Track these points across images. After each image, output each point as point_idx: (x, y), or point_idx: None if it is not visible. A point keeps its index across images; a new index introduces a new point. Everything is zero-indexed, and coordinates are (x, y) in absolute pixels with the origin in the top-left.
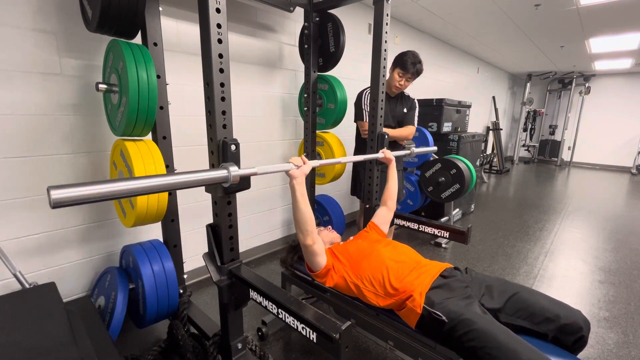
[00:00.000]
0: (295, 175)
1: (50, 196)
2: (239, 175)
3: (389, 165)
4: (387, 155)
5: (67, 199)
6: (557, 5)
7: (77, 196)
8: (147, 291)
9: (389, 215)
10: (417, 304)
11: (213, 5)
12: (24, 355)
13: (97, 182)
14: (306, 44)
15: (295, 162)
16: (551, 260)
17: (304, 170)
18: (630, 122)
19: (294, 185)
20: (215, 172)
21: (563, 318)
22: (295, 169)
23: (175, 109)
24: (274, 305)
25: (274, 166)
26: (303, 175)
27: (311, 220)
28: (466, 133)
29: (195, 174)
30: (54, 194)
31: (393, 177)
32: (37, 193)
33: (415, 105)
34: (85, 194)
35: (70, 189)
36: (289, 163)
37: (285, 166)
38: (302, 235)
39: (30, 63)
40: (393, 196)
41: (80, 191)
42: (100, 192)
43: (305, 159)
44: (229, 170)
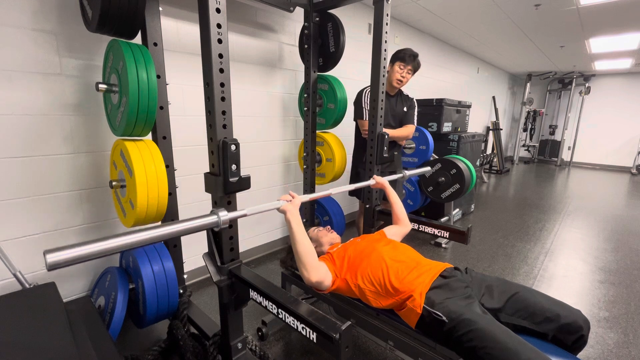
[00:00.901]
0: (287, 209)
1: (46, 260)
2: (229, 219)
3: (385, 190)
4: (379, 181)
5: (63, 261)
6: (557, 5)
7: (72, 257)
8: (147, 291)
9: (401, 230)
10: (417, 304)
11: (213, 5)
12: (24, 355)
13: (89, 242)
14: (306, 44)
15: (284, 199)
16: (551, 260)
17: (295, 204)
18: (630, 122)
19: (289, 218)
20: (205, 219)
21: (563, 318)
22: (286, 204)
23: (175, 109)
24: (274, 305)
25: (264, 205)
26: (295, 208)
27: (312, 252)
28: (466, 133)
29: (185, 222)
30: (50, 257)
31: (395, 200)
32: (37, 193)
33: (415, 104)
34: (80, 255)
35: (65, 251)
36: (278, 201)
37: (276, 204)
38: (306, 272)
39: (31, 63)
40: (402, 217)
41: (75, 252)
42: (93, 252)
43: (294, 193)
44: (218, 216)
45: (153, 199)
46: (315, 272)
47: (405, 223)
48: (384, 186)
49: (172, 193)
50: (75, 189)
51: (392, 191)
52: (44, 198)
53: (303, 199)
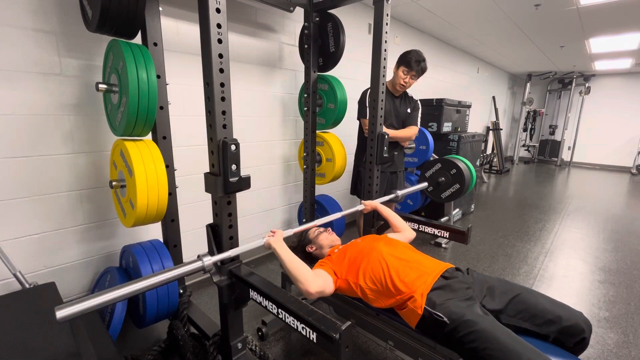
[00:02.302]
0: (271, 242)
1: (57, 315)
2: (212, 263)
3: (378, 211)
4: (368, 205)
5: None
6: (557, 5)
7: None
8: (147, 291)
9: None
10: (418, 305)
11: (213, 5)
12: (24, 355)
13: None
14: (306, 44)
15: (267, 236)
16: (551, 260)
17: (277, 237)
18: (630, 122)
19: (274, 248)
20: (191, 265)
21: (565, 320)
22: (269, 239)
23: (175, 109)
24: (274, 305)
25: (249, 245)
26: (279, 238)
27: (305, 268)
28: (466, 133)
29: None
30: (59, 314)
31: (389, 215)
32: (37, 193)
33: (419, 106)
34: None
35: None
36: (263, 239)
37: (259, 242)
38: (303, 286)
39: (31, 63)
40: (402, 227)
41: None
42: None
43: (275, 230)
44: (202, 261)
45: (153, 199)
46: (312, 284)
47: (407, 231)
48: (376, 208)
49: (172, 193)
50: (75, 189)
51: (385, 209)
52: (44, 198)
53: (286, 234)
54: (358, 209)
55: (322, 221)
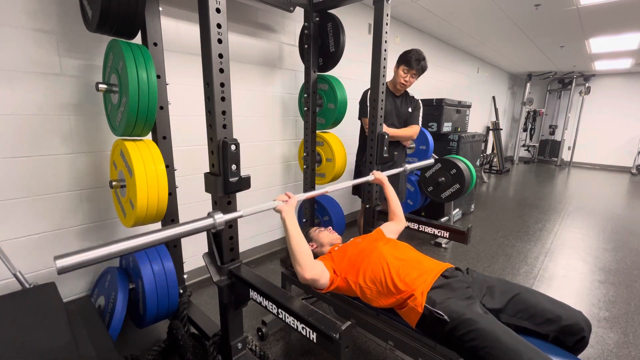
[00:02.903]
0: (282, 209)
1: (56, 265)
2: (224, 221)
3: (383, 186)
4: (377, 176)
5: (71, 265)
6: (557, 5)
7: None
8: (147, 291)
9: (397, 227)
10: (418, 303)
11: (213, 5)
12: (24, 355)
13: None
14: (306, 44)
15: (280, 199)
16: (551, 260)
17: (291, 204)
18: (630, 122)
19: (284, 217)
20: (202, 222)
21: (564, 319)
22: (282, 204)
23: (175, 109)
24: (274, 305)
25: (259, 206)
26: (291, 208)
27: (307, 251)
28: (466, 133)
29: (182, 226)
30: (59, 262)
31: (391, 196)
32: (37, 193)
33: (420, 105)
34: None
35: (74, 257)
36: (275, 201)
37: (272, 204)
38: (300, 269)
39: (30, 63)
40: (398, 213)
41: (82, 257)
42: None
43: (291, 193)
44: (214, 218)
45: (153, 199)
46: (309, 270)
47: (401, 219)
48: (382, 182)
49: (172, 193)
50: (75, 189)
51: (389, 187)
52: (44, 198)
53: (300, 198)
54: (368, 179)
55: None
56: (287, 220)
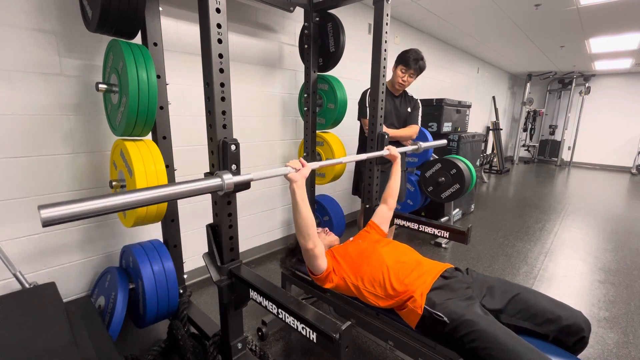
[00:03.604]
0: (295, 179)
1: (40, 215)
2: (234, 183)
3: (394, 163)
4: (393, 152)
5: (58, 217)
6: (557, 5)
7: (68, 213)
8: (147, 291)
9: (388, 214)
10: (418, 305)
11: (213, 5)
12: (24, 355)
13: (86, 199)
14: (306, 44)
15: (293, 165)
16: (551, 260)
17: (303, 173)
18: (630, 122)
19: (294, 188)
20: (208, 181)
21: (564, 319)
22: (294, 172)
23: (175, 109)
24: (274, 305)
25: (271, 170)
26: (303, 179)
27: (312, 223)
28: (466, 133)
29: (187, 184)
30: (44, 213)
31: (396, 175)
32: (37, 193)
33: (419, 105)
34: (76, 212)
35: (60, 207)
36: (286, 167)
37: (283, 170)
38: (304, 239)
39: (30, 63)
40: (394, 194)
41: (71, 209)
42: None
43: (304, 161)
44: (222, 179)
45: None
46: (311, 241)
47: (393, 203)
48: (395, 158)
49: None
50: (75, 189)
51: (399, 165)
52: (44, 198)
53: (313, 166)
54: (383, 154)
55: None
56: (296, 191)
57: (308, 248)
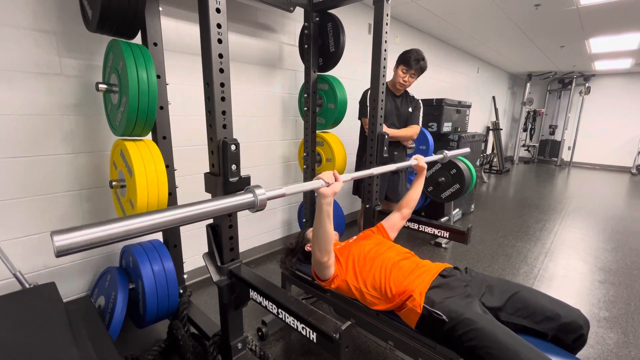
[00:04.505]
0: (326, 194)
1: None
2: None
3: (419, 173)
4: (420, 163)
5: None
6: (557, 5)
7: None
8: (147, 291)
9: (400, 223)
10: (417, 304)
11: (213, 5)
12: (24, 355)
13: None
14: (306, 44)
15: (325, 179)
16: (551, 260)
17: (334, 190)
18: (630, 122)
19: (322, 204)
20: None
21: (563, 317)
22: (326, 188)
23: (175, 109)
24: (274, 305)
25: (303, 185)
26: (333, 195)
27: (332, 238)
28: (466, 133)
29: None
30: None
31: (419, 185)
32: (37, 193)
33: (420, 105)
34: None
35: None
36: (318, 179)
37: (316, 184)
38: (320, 253)
39: (31, 63)
40: (412, 205)
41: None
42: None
43: (337, 174)
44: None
45: (153, 199)
46: (327, 255)
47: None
48: (422, 169)
49: (172, 193)
50: (75, 189)
51: (424, 176)
52: (44, 198)
53: (345, 178)
54: (411, 164)
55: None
56: (325, 207)
57: (323, 261)
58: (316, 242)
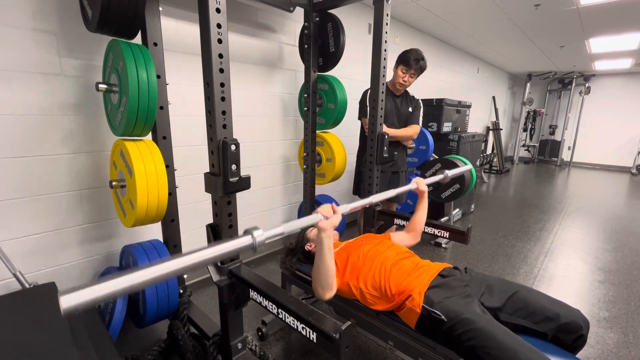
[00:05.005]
0: (326, 228)
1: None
2: (265, 239)
3: (421, 197)
4: (421, 187)
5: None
6: (557, 5)
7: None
8: (147, 291)
9: (407, 242)
10: (416, 304)
11: (213, 5)
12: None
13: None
14: (306, 44)
15: (324, 213)
16: (551, 260)
17: (333, 223)
18: (630, 122)
19: (323, 238)
20: (239, 241)
21: (563, 317)
22: (325, 221)
23: (175, 109)
24: (274, 305)
25: (301, 221)
26: (333, 228)
27: (334, 272)
28: (466, 133)
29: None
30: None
31: (423, 209)
32: (37, 193)
33: (420, 105)
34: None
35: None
36: (317, 214)
37: (314, 219)
38: (322, 290)
39: (31, 63)
40: (418, 229)
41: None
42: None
43: (336, 206)
44: (253, 236)
45: (153, 199)
46: (330, 291)
47: (418, 235)
48: (422, 193)
49: (172, 193)
50: (75, 189)
51: (426, 199)
52: (44, 198)
53: (343, 211)
54: (411, 187)
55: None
56: (325, 241)
57: (326, 298)
58: (317, 277)
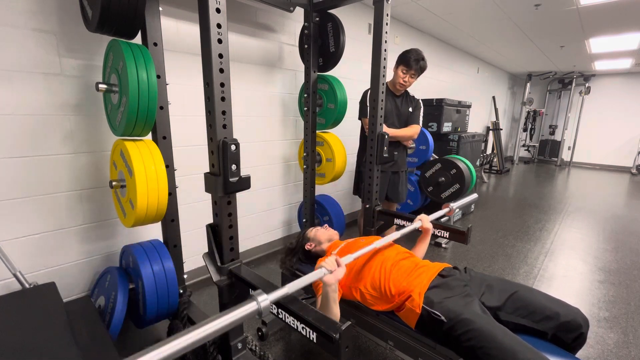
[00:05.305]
0: (330, 282)
1: None
2: (270, 303)
3: (424, 234)
4: (425, 225)
5: None
6: (557, 5)
7: None
8: (147, 291)
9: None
10: (416, 304)
11: (213, 5)
12: (24, 355)
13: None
14: (306, 44)
15: (328, 267)
16: (551, 260)
17: (337, 277)
18: (630, 122)
19: (328, 292)
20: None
21: (562, 316)
22: (330, 275)
23: (175, 109)
24: (274, 305)
25: (305, 278)
26: (337, 281)
27: (338, 318)
28: (466, 133)
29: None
30: None
31: (424, 245)
32: (37, 193)
33: (420, 105)
34: None
35: None
36: (321, 268)
37: (319, 274)
38: None
39: (31, 63)
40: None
41: None
42: None
43: (340, 259)
44: (258, 302)
45: (153, 199)
46: None
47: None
48: (427, 230)
49: (172, 193)
50: (75, 189)
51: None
52: (44, 198)
53: (347, 261)
54: (416, 226)
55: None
56: (331, 296)
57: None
58: None
